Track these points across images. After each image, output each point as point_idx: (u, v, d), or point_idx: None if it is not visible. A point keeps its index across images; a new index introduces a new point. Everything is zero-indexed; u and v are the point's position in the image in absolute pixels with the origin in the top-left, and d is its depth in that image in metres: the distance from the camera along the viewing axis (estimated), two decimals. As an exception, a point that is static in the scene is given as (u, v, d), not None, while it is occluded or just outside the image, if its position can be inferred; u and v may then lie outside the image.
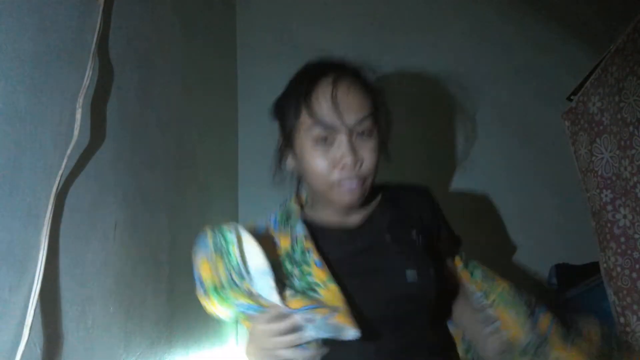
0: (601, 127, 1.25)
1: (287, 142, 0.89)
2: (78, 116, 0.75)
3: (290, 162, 0.93)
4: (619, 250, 1.19)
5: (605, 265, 1.24)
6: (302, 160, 0.87)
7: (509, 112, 1.79)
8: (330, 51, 1.96)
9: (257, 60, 1.89)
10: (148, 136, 1.07)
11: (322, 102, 0.83)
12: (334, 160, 0.83)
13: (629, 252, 1.17)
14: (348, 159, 0.81)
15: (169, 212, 1.15)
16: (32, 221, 0.66)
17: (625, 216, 1.18)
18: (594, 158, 1.27)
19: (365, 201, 0.90)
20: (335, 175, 0.83)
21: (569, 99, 1.40)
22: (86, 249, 0.79)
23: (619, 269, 1.19)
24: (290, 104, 0.88)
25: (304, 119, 0.84)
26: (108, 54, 0.90)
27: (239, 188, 1.78)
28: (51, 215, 0.67)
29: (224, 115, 1.72)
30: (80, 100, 0.76)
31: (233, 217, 1.72)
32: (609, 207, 1.22)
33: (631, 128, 1.14)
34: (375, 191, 0.93)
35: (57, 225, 0.71)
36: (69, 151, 0.72)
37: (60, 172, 0.70)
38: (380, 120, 0.88)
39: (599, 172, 1.25)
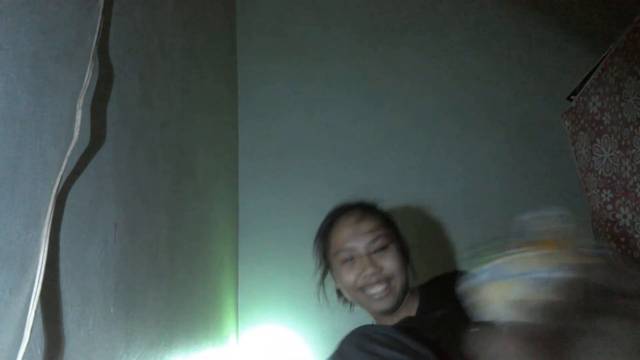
0: (601, 127, 1.25)
1: (326, 266, 1.18)
2: (78, 117, 0.75)
3: (334, 282, 1.18)
4: (619, 250, 1.19)
5: (605, 265, 1.24)
6: (337, 279, 1.13)
7: (509, 112, 1.79)
8: (329, 51, 1.96)
9: (257, 60, 1.89)
10: (148, 137, 1.07)
11: (343, 232, 1.10)
12: (358, 273, 1.06)
13: (629, 251, 1.17)
14: (368, 270, 1.04)
15: (169, 212, 1.15)
16: (33, 222, 0.66)
17: (625, 216, 1.19)
18: (594, 158, 1.27)
19: (408, 302, 1.09)
20: (360, 281, 1.05)
21: (569, 99, 1.40)
22: (86, 250, 0.79)
23: (619, 268, 1.19)
24: (320, 238, 1.18)
25: (332, 247, 1.12)
26: (108, 55, 0.90)
27: (239, 188, 1.79)
28: (51, 217, 0.67)
29: (224, 115, 1.72)
30: (81, 101, 0.76)
31: (233, 217, 1.72)
32: (609, 207, 1.23)
33: (631, 128, 1.14)
34: (411, 290, 1.12)
35: (58, 226, 0.71)
36: (69, 152, 0.72)
37: (61, 173, 0.70)
38: (396, 237, 1.12)
39: (599, 172, 1.25)
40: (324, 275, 1.21)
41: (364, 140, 1.78)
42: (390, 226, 1.14)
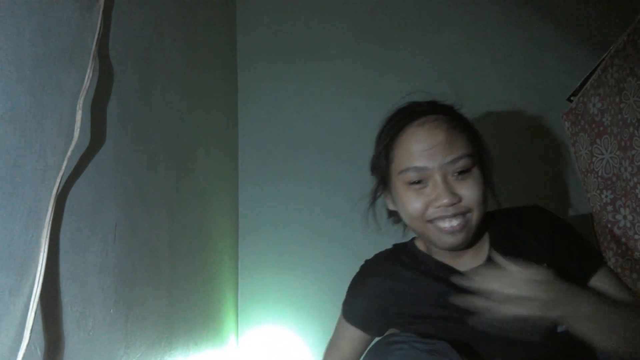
0: (601, 128, 1.25)
1: (384, 185, 0.90)
2: (78, 117, 0.74)
3: (390, 204, 0.92)
4: (619, 251, 1.19)
5: (605, 266, 1.24)
6: (398, 203, 0.86)
7: (509, 113, 1.78)
8: (329, 51, 1.96)
9: (257, 60, 1.89)
10: (148, 137, 1.07)
11: (413, 145, 0.82)
12: (428, 201, 0.81)
13: (629, 252, 1.17)
14: (445, 200, 0.79)
15: (169, 212, 1.14)
16: (33, 223, 0.66)
17: (625, 217, 1.18)
18: (594, 159, 1.27)
19: (474, 239, 0.87)
20: (430, 212, 0.81)
21: (569, 100, 1.40)
22: (86, 250, 0.79)
23: (619, 269, 1.19)
24: (381, 149, 0.88)
25: (396, 164, 0.84)
26: (108, 55, 0.89)
27: (239, 188, 1.78)
28: (51, 217, 0.67)
29: (224, 115, 1.72)
30: (81, 101, 0.76)
31: (233, 217, 1.71)
32: (610, 208, 1.22)
33: (631, 129, 1.14)
34: (482, 226, 0.88)
35: (58, 226, 0.71)
36: (69, 153, 0.72)
37: (61, 173, 0.70)
38: (479, 155, 0.85)
39: (600, 173, 1.25)
40: (375, 195, 0.93)
41: (363, 140, 1.78)
42: (475, 141, 0.86)
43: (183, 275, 1.20)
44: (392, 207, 0.92)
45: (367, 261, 0.98)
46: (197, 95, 1.42)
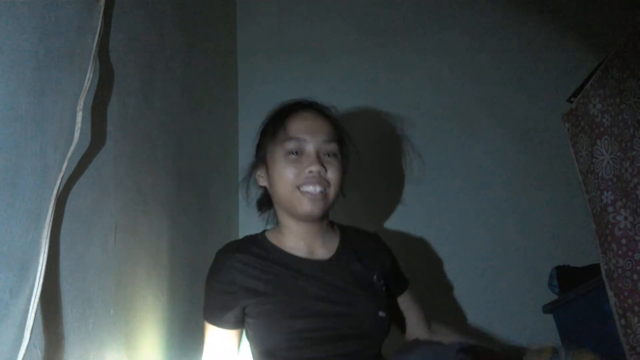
0: (602, 129, 1.24)
1: (262, 158, 1.05)
2: (79, 119, 0.74)
3: (262, 180, 1.07)
4: (619, 252, 1.19)
5: (606, 267, 1.24)
6: (273, 171, 1.01)
7: (509, 114, 1.79)
8: (329, 51, 1.96)
9: (257, 60, 1.89)
10: (149, 138, 1.07)
11: (297, 122, 1.01)
12: (302, 169, 0.97)
13: (629, 253, 1.17)
14: (314, 167, 0.96)
15: (169, 214, 1.14)
16: (33, 224, 0.66)
17: (626, 218, 1.18)
18: (594, 160, 1.27)
19: (327, 236, 1.07)
20: (301, 178, 0.97)
21: (570, 101, 1.40)
22: (87, 251, 0.79)
23: (620, 270, 1.19)
24: (269, 126, 1.06)
25: (280, 135, 1.01)
26: (109, 56, 0.89)
27: (239, 188, 1.78)
28: (52, 218, 0.67)
29: (224, 116, 1.72)
30: (81, 102, 0.76)
31: (233, 217, 1.71)
32: (610, 209, 1.22)
33: (632, 129, 1.14)
34: (333, 228, 1.11)
35: (58, 228, 0.71)
36: (69, 154, 0.72)
37: (61, 174, 0.70)
38: (343, 151, 1.06)
39: (600, 174, 1.25)
40: (254, 168, 1.09)
41: (363, 140, 1.77)
42: (342, 139, 1.08)
43: (183, 276, 1.20)
44: (263, 183, 1.07)
45: (218, 254, 1.04)
46: (197, 95, 1.42)
